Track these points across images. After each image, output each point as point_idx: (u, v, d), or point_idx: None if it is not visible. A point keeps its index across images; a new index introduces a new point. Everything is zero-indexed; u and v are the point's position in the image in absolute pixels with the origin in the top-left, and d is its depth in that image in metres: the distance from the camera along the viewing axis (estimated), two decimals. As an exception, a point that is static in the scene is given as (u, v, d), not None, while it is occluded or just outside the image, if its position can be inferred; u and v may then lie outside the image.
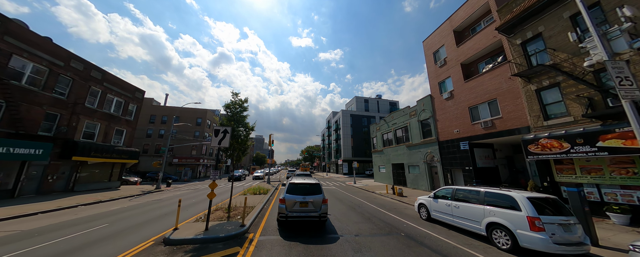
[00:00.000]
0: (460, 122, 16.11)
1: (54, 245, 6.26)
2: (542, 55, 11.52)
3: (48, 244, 6.33)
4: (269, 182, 24.38)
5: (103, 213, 10.70)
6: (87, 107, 18.32)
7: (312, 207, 7.65)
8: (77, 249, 6.00)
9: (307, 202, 7.69)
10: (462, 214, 7.69)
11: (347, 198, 15.60)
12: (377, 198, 15.92)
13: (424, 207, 9.74)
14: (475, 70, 16.33)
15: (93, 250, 5.93)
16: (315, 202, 7.72)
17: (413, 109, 21.65)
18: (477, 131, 14.81)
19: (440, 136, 18.04)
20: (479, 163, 15.29)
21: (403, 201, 14.53)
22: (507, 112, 13.09)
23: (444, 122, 17.62)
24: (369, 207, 12.00)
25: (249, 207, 10.27)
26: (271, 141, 25.21)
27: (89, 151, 17.80)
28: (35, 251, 5.84)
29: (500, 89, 13.52)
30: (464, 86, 16.01)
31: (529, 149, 11.04)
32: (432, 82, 19.38)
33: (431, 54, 19.82)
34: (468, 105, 15.58)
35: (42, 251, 5.85)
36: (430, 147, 18.91)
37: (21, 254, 5.58)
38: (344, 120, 53.54)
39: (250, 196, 14.22)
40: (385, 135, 27.19)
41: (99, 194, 16.85)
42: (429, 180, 18.99)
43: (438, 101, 18.45)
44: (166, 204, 13.14)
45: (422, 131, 20.24)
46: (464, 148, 15.64)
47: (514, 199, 6.38)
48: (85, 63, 18.20)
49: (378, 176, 28.76)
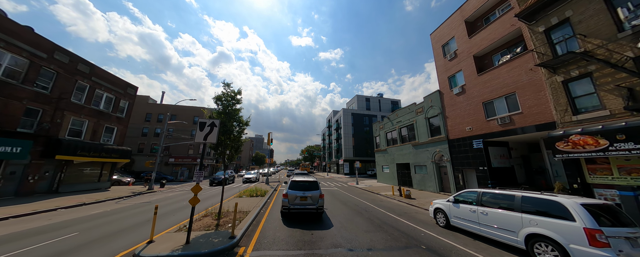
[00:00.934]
0: (473, 119, 14.95)
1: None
2: (570, 43, 10.37)
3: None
4: (268, 183, 23.23)
5: (80, 218, 9.55)
6: (73, 103, 17.16)
7: (310, 201, 9.02)
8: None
9: (307, 196, 9.03)
10: (492, 222, 6.53)
11: (351, 201, 14.44)
12: (383, 201, 14.76)
13: (441, 212, 8.59)
14: (489, 62, 15.17)
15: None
16: (313, 196, 9.07)
17: (420, 105, 20.49)
18: (493, 128, 13.65)
19: (450, 133, 16.88)
20: (494, 163, 14.14)
21: (412, 203, 13.37)
22: (527, 107, 11.92)
23: (455, 119, 16.46)
24: (377, 212, 10.83)
25: (243, 212, 9.11)
26: (270, 140, 24.07)
27: (75, 149, 16.64)
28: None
29: (519, 82, 12.36)
30: (478, 80, 14.85)
31: (556, 146, 9.87)
32: (440, 77, 18.23)
33: (440, 47, 18.66)
34: (482, 100, 14.42)
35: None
36: (439, 146, 17.75)
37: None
38: (345, 120, 52.39)
39: (245, 198, 13.06)
40: (389, 134, 26.03)
41: (84, 195, 15.70)
42: (438, 181, 17.83)
43: (448, 97, 17.29)
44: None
45: (429, 128, 19.08)
46: (478, 147, 14.48)
47: (564, 205, 5.22)
48: (71, 55, 17.05)
49: (381, 177, 27.61)
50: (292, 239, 6.56)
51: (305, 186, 9.40)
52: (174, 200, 14.45)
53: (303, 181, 9.70)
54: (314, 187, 9.41)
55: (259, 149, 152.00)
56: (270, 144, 24.13)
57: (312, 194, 9.03)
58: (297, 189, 9.23)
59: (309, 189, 9.28)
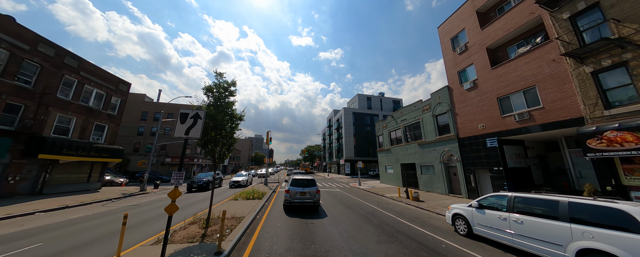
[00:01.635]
0: (487, 116, 13.91)
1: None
2: (600, 29, 9.34)
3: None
4: (267, 184, 22.19)
5: (55, 224, 8.52)
6: (59, 99, 16.13)
7: (309, 196, 10.44)
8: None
9: (305, 192, 10.47)
10: (530, 232, 5.50)
11: (356, 204, 13.39)
12: (389, 203, 13.71)
13: (461, 219, 7.55)
14: (504, 55, 14.13)
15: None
16: (310, 192, 10.52)
17: (426, 103, 19.46)
18: (509, 125, 12.61)
19: (460, 132, 15.84)
20: (510, 163, 13.10)
21: (422, 207, 12.33)
22: (550, 102, 10.89)
23: (466, 116, 15.42)
24: (386, 217, 9.79)
25: (236, 218, 8.07)
26: (269, 139, 23.03)
27: (61, 148, 15.61)
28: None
29: (540, 74, 11.32)
30: (491, 74, 13.81)
31: (588, 144, 8.83)
32: (449, 72, 17.19)
33: (448, 41, 17.62)
34: (497, 95, 13.38)
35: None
36: (448, 144, 16.71)
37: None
38: (346, 119, 51.35)
39: (241, 201, 12.01)
40: (393, 132, 24.99)
41: (70, 197, 14.67)
42: (447, 182, 16.79)
43: (457, 93, 16.25)
44: (142, 211, 10.96)
45: (437, 127, 18.04)
46: (492, 145, 13.45)
47: (631, 215, 4.19)
48: (57, 48, 16.02)
49: (385, 177, 26.57)
50: (292, 253, 5.52)
51: (304, 183, 10.99)
52: (164, 203, 13.41)
53: (302, 179, 11.33)
54: (311, 184, 10.98)
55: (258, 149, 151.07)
56: (269, 143, 23.09)
57: (310, 190, 10.59)
58: (297, 186, 10.78)
59: (308, 186, 10.84)
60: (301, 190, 10.48)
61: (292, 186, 10.73)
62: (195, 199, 14.24)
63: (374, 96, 58.74)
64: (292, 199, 10.29)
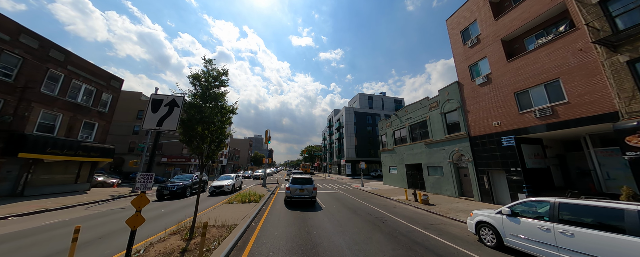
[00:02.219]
0: (502, 112, 12.89)
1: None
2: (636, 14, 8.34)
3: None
4: (265, 186, 21.13)
5: (21, 232, 7.49)
6: (43, 94, 15.10)
7: (306, 192, 11.83)
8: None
9: (304, 189, 11.84)
10: (584, 248, 4.46)
11: (361, 208, 12.34)
12: (397, 207, 12.66)
13: (488, 227, 6.51)
14: (521, 47, 13.11)
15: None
16: (308, 189, 11.91)
17: (434, 100, 18.43)
18: (528, 121, 11.59)
19: (472, 130, 14.81)
20: (528, 163, 12.07)
21: (433, 211, 11.28)
22: (576, 95, 9.86)
23: (478, 113, 14.39)
24: (397, 224, 8.74)
25: (227, 226, 7.01)
26: (268, 138, 22.01)
27: (44, 146, 14.58)
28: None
29: (565, 66, 10.30)
30: (507, 67, 12.80)
31: (627, 142, 7.82)
32: (459, 67, 16.17)
33: (458, 34, 16.61)
34: (513, 90, 12.36)
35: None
36: (458, 144, 15.68)
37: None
38: (347, 118, 50.32)
39: (235, 205, 10.94)
40: (397, 132, 23.96)
41: (52, 199, 13.62)
42: (457, 184, 15.74)
43: (469, 88, 15.23)
44: (124, 216, 9.91)
45: (446, 125, 17.01)
46: (508, 144, 12.41)
47: None
48: (41, 40, 15.01)
49: (388, 178, 25.52)
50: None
51: (303, 182, 12.44)
52: (152, 207, 12.36)
53: (301, 178, 12.79)
54: (309, 183, 12.43)
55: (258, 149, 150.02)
56: (268, 142, 22.06)
57: (307, 187, 12.03)
58: (297, 184, 12.21)
59: (306, 184, 12.26)
60: (300, 187, 11.99)
61: (292, 184, 12.24)
62: (185, 203, 13.19)
63: (375, 95, 57.73)
64: (292, 195, 11.85)
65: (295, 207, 11.30)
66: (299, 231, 7.19)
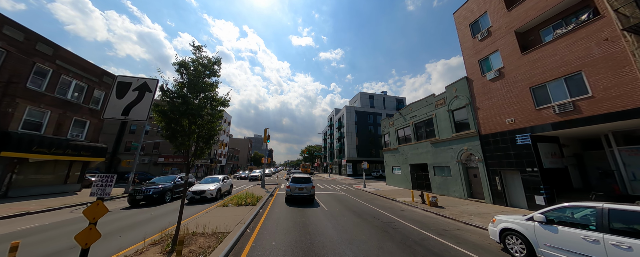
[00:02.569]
0: (516, 109, 12.08)
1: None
2: (675, -3, 7.52)
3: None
4: (264, 187, 20.30)
5: (-12, 239, 6.66)
6: (30, 89, 14.29)
7: (305, 191, 12.85)
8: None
9: (303, 187, 12.87)
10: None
11: (367, 211, 11.53)
12: (405, 210, 11.84)
13: (516, 236, 5.69)
14: (536, 39, 12.30)
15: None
16: (307, 188, 12.94)
17: (440, 97, 17.61)
18: (546, 118, 10.77)
19: (482, 128, 13.99)
20: (546, 163, 11.26)
21: (444, 214, 10.47)
22: (602, 89, 9.05)
23: (489, 109, 13.58)
24: (408, 230, 7.93)
25: (218, 234, 6.17)
26: (267, 136, 21.19)
27: (30, 145, 13.79)
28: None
29: (588, 57, 9.49)
30: (522, 61, 11.99)
31: (667, 139, 6.98)
32: (468, 61, 15.35)
33: (467, 27, 15.79)
34: (529, 84, 11.55)
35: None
36: (467, 142, 14.87)
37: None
38: (348, 118, 49.49)
39: (230, 208, 10.10)
40: (401, 130, 23.14)
41: (38, 201, 12.83)
42: (466, 184, 14.92)
43: (478, 84, 14.41)
44: (110, 220, 9.10)
45: (454, 123, 16.19)
46: (524, 143, 11.60)
47: None
48: (27, 32, 14.21)
49: (391, 179, 24.70)
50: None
51: (302, 181, 13.42)
52: (142, 210, 11.55)
53: (300, 177, 13.78)
54: (308, 182, 13.41)
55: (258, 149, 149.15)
56: (267, 141, 21.25)
57: (306, 186, 13.00)
58: (296, 183, 13.19)
59: (305, 183, 13.26)
60: (299, 186, 12.92)
61: (292, 183, 13.20)
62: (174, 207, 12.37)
63: (376, 95, 56.91)
64: (292, 193, 12.78)
65: (295, 205, 12.16)
66: (299, 240, 6.37)
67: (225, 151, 59.26)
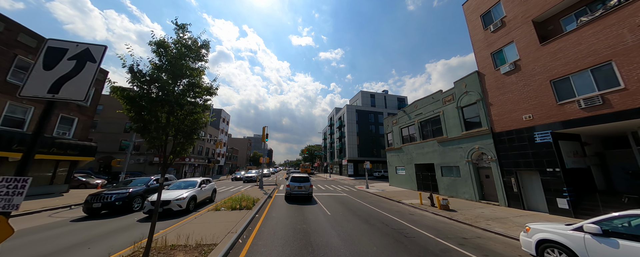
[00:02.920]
0: (535, 104, 11.14)
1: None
2: None
3: None
4: (262, 188, 19.34)
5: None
6: (10, 83, 13.32)
7: (304, 189, 13.93)
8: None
9: (302, 186, 13.95)
10: None
11: (372, 214, 10.59)
12: (414, 214, 10.90)
13: (560, 250, 4.75)
14: (556, 28, 11.38)
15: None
16: (305, 186, 14.00)
17: (448, 93, 16.68)
18: (570, 113, 9.84)
19: (495, 125, 13.06)
20: (568, 163, 10.32)
21: (458, 219, 9.53)
22: (636, 80, 8.13)
23: (503, 105, 12.65)
24: (423, 238, 6.99)
25: (203, 246, 5.20)
26: (265, 135, 20.24)
27: (10, 143, 12.82)
28: None
29: (619, 45, 8.56)
30: (541, 52, 11.06)
31: None
32: (479, 55, 14.43)
33: (477, 18, 14.87)
34: (549, 77, 10.62)
35: None
36: (479, 141, 13.94)
37: None
38: (349, 116, 48.54)
39: (224, 213, 9.12)
40: (405, 129, 22.22)
41: (16, 204, 11.78)
42: (477, 186, 13.99)
43: (491, 78, 13.48)
44: (88, 226, 8.15)
45: (463, 120, 15.26)
46: (544, 141, 10.67)
47: None
48: (7, 22, 13.25)
49: (395, 179, 23.76)
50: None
51: (301, 180, 14.27)
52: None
53: (299, 176, 14.65)
54: (306, 181, 14.25)
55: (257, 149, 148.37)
56: (266, 139, 20.30)
57: (304, 185, 13.85)
58: (296, 182, 14.05)
59: (303, 182, 14.10)
60: (298, 185, 13.91)
61: (292, 182, 14.16)
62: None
63: (377, 93, 56.00)
64: (292, 191, 13.78)
65: (295, 202, 12.95)
66: (301, 254, 5.42)
67: (224, 151, 58.29)
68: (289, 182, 14.12)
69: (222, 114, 57.25)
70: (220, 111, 57.15)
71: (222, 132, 56.67)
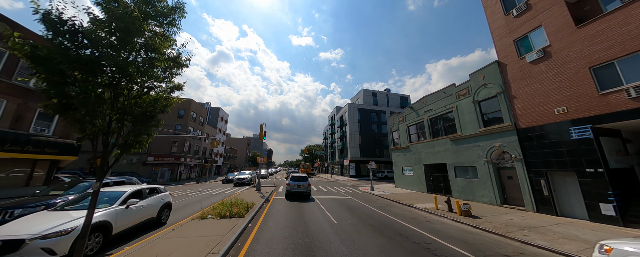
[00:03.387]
0: (570, 95, 9.73)
1: None
2: None
3: None
4: (259, 190, 17.88)
5: None
6: (-25, 74, 11.90)
7: (303, 188, 14.96)
8: None
9: (300, 185, 14.97)
10: None
11: (384, 222, 9.17)
12: (432, 221, 9.48)
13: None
14: (594, 9, 9.99)
15: None
16: (304, 185, 15.00)
17: (463, 86, 15.27)
18: (616, 104, 8.43)
19: (520, 120, 11.65)
20: (611, 162, 8.90)
21: (485, 228, 8.12)
22: None
23: (530, 98, 11.24)
24: (456, 256, 5.55)
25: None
26: (263, 133, 18.81)
27: (-27, 140, 11.37)
28: None
29: (684, 22, 7.14)
30: (576, 36, 9.66)
31: None
32: (500, 43, 13.02)
33: (497, 2, 13.47)
34: (589, 64, 9.21)
35: None
36: (499, 138, 12.53)
37: None
38: (351, 115, 47.10)
39: (211, 222, 7.64)
40: (413, 127, 20.81)
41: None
42: (498, 189, 12.57)
43: (515, 68, 12.08)
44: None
45: (481, 116, 13.85)
46: (582, 137, 9.25)
47: None
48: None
49: (401, 181, 22.33)
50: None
51: (300, 179, 15.37)
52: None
53: (298, 176, 15.77)
54: (304, 180, 15.35)
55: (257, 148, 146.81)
56: (264, 137, 18.88)
57: (303, 184, 15.03)
58: (295, 181, 15.25)
59: (302, 181, 15.22)
60: (297, 183, 14.97)
61: (292, 181, 15.28)
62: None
63: (379, 92, 54.60)
64: (291, 189, 14.82)
65: (294, 199, 14.16)
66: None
67: (222, 150, 56.84)
68: (289, 181, 15.33)
69: (220, 112, 55.85)
70: (218, 110, 55.74)
71: (221, 132, 55.24)
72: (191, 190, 20.97)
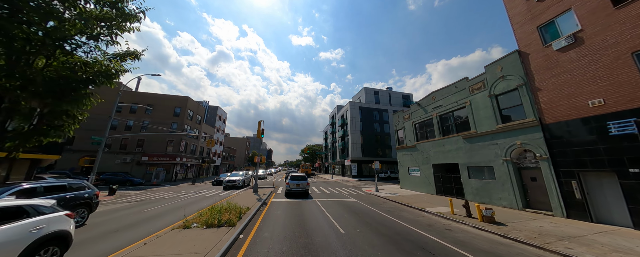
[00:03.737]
0: (607, 85, 8.56)
1: None
2: None
3: None
4: (256, 192, 16.69)
5: None
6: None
7: (302, 187, 15.79)
8: None
9: (299, 184, 15.81)
10: None
11: (398, 231, 8.01)
12: (452, 229, 8.30)
13: None
14: (636, -14, 8.78)
15: None
16: (302, 184, 15.83)
17: (477, 80, 14.09)
18: (668, 95, 7.24)
19: (545, 115, 10.47)
20: (659, 162, 7.70)
21: (516, 238, 6.95)
22: None
23: (558, 90, 10.06)
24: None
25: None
26: (261, 131, 17.64)
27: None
28: None
29: None
30: (614, 18, 8.50)
31: None
32: (520, 30, 11.84)
33: (516, -13, 12.28)
34: (631, 49, 8.05)
35: None
36: (521, 135, 11.36)
37: None
38: (352, 114, 45.91)
39: (195, 231, 6.40)
40: (419, 124, 19.64)
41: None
42: (519, 191, 11.39)
43: (538, 57, 10.90)
44: None
45: (499, 111, 12.67)
46: (623, 132, 8.07)
47: None
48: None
49: (407, 181, 21.15)
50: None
51: (299, 179, 16.34)
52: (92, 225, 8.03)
53: (298, 175, 16.78)
54: (303, 179, 16.29)
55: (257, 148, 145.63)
56: (262, 136, 17.71)
57: (302, 183, 15.94)
58: (294, 180, 16.22)
59: (301, 180, 16.16)
60: (297, 182, 15.85)
61: (291, 180, 16.12)
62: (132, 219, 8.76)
63: (381, 90, 53.40)
64: (291, 188, 15.68)
65: (293, 198, 15.03)
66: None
67: (221, 150, 55.67)
68: (289, 181, 16.20)
69: (218, 111, 54.67)
70: (216, 108, 54.57)
71: (219, 131, 54.07)
72: (184, 191, 19.80)
